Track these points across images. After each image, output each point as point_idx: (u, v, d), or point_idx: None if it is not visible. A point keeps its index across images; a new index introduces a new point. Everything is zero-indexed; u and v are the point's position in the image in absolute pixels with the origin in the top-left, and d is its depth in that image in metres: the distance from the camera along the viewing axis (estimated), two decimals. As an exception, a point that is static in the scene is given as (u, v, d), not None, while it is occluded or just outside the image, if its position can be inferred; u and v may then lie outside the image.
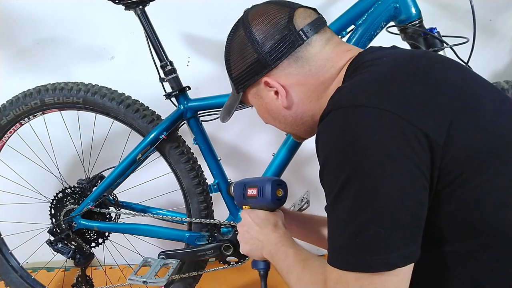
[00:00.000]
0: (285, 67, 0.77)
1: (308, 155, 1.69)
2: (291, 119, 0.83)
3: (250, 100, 0.87)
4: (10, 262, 1.53)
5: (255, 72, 0.79)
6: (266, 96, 0.82)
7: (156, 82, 1.25)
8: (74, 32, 1.58)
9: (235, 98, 0.88)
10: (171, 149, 1.27)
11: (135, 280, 1.26)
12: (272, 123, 0.88)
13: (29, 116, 1.34)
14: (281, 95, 0.79)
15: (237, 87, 0.84)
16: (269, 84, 0.79)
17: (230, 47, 0.83)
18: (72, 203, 1.36)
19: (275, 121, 0.86)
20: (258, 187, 0.88)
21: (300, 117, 0.82)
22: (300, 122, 0.83)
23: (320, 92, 0.78)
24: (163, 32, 1.24)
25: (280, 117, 0.84)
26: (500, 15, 1.55)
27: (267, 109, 0.84)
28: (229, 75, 0.85)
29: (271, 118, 0.86)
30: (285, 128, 0.88)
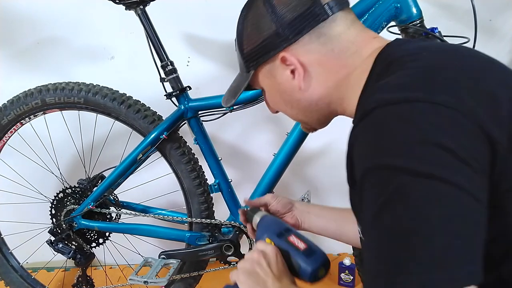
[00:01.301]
0: (306, 43, 0.69)
1: (308, 155, 1.69)
2: (305, 104, 0.74)
3: (261, 81, 0.77)
4: (10, 262, 1.54)
5: (272, 46, 0.71)
6: (280, 75, 0.73)
7: (157, 82, 1.25)
8: (74, 32, 1.58)
9: (243, 79, 0.79)
10: (172, 149, 1.27)
11: (136, 280, 1.27)
12: (282, 109, 0.80)
13: (30, 116, 1.34)
14: (298, 73, 0.71)
15: (248, 64, 0.76)
16: (287, 60, 0.70)
17: (245, 20, 0.75)
18: (72, 203, 1.36)
19: (287, 105, 0.77)
20: (309, 246, 0.74)
21: (316, 103, 0.73)
22: (314, 108, 0.74)
23: (341, 78, 0.70)
24: (164, 32, 1.24)
25: (293, 101, 0.75)
26: (500, 15, 1.55)
27: (279, 91, 0.75)
28: (239, 52, 0.77)
29: (282, 102, 0.77)
30: (296, 115, 0.78)
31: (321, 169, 1.73)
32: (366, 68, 0.66)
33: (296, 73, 0.71)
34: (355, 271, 1.64)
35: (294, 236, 0.77)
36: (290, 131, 1.23)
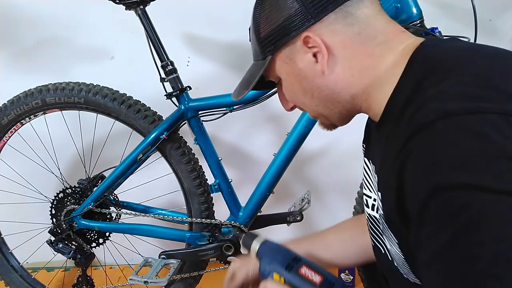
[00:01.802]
0: (331, 23, 0.63)
1: (309, 155, 1.69)
2: (327, 93, 0.67)
3: (278, 68, 0.70)
4: (10, 261, 1.54)
5: (294, 26, 0.64)
6: (301, 60, 0.66)
7: (157, 82, 1.25)
8: (74, 32, 1.58)
9: (258, 67, 0.71)
10: (172, 149, 1.27)
11: (136, 280, 1.27)
12: (300, 100, 0.72)
13: (30, 116, 1.34)
14: (322, 56, 0.64)
15: (265, 50, 0.68)
16: (310, 41, 0.64)
17: (262, 1, 0.68)
18: (72, 203, 1.35)
19: (306, 95, 0.69)
20: (325, 277, 0.67)
21: (338, 93, 0.67)
22: (337, 99, 0.67)
23: (367, 67, 0.64)
24: (163, 32, 1.24)
25: (314, 89, 0.68)
26: (500, 15, 1.55)
27: (300, 77, 0.68)
28: (255, 38, 0.70)
29: (301, 91, 0.70)
30: (316, 106, 0.71)
31: (321, 169, 1.73)
32: (399, 65, 0.61)
33: (319, 55, 0.64)
34: (355, 271, 1.64)
35: (306, 267, 0.68)
36: (290, 131, 1.23)
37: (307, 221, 1.66)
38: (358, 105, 0.68)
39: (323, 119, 0.74)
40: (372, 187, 0.74)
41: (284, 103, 0.77)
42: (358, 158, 0.90)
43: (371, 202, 0.75)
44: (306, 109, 0.74)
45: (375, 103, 0.65)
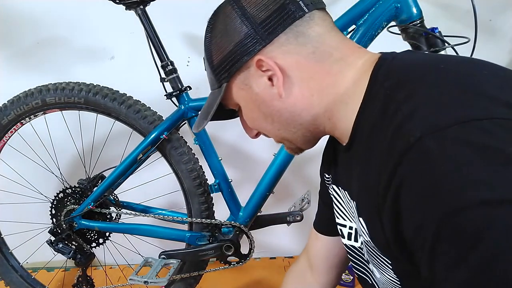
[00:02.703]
0: (283, 43, 0.61)
1: (308, 155, 1.68)
2: (287, 116, 0.65)
3: (235, 95, 0.68)
4: (10, 261, 1.54)
5: (245, 51, 0.62)
6: (257, 84, 0.64)
7: (157, 82, 1.25)
8: (74, 32, 1.58)
9: (215, 95, 0.70)
10: (172, 149, 1.27)
11: (136, 280, 1.27)
12: (261, 126, 0.70)
13: (30, 115, 1.34)
14: (277, 78, 0.62)
15: (219, 77, 0.67)
16: (263, 64, 0.62)
17: (212, 30, 0.68)
18: (72, 203, 1.35)
19: (267, 120, 0.67)
20: None
21: (299, 114, 0.64)
22: (298, 121, 0.65)
23: (326, 87, 0.62)
24: (164, 32, 1.24)
25: (274, 113, 0.65)
26: (500, 15, 1.55)
27: (257, 102, 0.66)
28: (209, 66, 0.70)
29: (261, 117, 0.67)
30: (279, 131, 0.68)
31: (321, 169, 1.72)
32: (360, 81, 0.59)
33: (274, 78, 0.63)
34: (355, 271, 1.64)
35: None
36: (290, 131, 1.23)
37: (307, 221, 1.66)
38: (322, 125, 0.65)
39: (287, 143, 0.72)
40: (347, 215, 0.71)
41: (248, 131, 0.75)
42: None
43: (346, 231, 0.72)
44: (269, 135, 0.71)
45: (340, 122, 0.62)
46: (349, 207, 0.69)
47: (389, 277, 0.61)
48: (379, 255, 0.60)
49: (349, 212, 0.70)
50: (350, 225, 0.71)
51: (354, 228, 0.70)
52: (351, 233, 0.71)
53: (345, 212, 0.72)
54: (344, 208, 0.73)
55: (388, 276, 0.61)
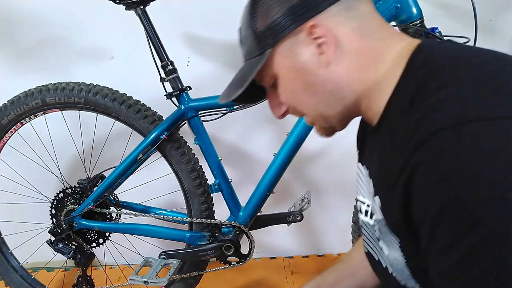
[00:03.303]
0: (334, 14, 0.61)
1: (308, 155, 1.69)
2: (330, 87, 0.63)
3: (276, 64, 0.66)
4: (10, 261, 1.54)
5: (297, 17, 0.61)
6: (304, 52, 0.63)
7: (157, 82, 1.25)
8: (74, 32, 1.58)
9: (253, 64, 0.66)
10: (172, 149, 1.27)
11: (136, 280, 1.27)
12: (300, 99, 0.67)
13: (30, 115, 1.34)
14: (328, 46, 0.61)
15: (263, 43, 0.64)
16: (315, 31, 0.61)
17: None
18: (72, 203, 1.35)
19: (308, 91, 0.65)
20: None
21: (342, 88, 0.63)
22: (340, 95, 0.64)
23: (368, 64, 0.62)
24: (164, 32, 1.24)
25: (317, 83, 0.63)
26: (500, 15, 1.55)
27: (302, 71, 0.64)
28: (250, 33, 0.66)
29: (303, 87, 0.65)
30: (317, 105, 0.66)
31: (321, 169, 1.73)
32: (398, 65, 0.59)
33: (325, 46, 0.61)
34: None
35: None
36: (290, 131, 1.23)
37: (307, 221, 1.66)
38: (359, 104, 0.65)
39: (321, 121, 0.69)
40: (365, 192, 0.73)
41: (276, 108, 0.72)
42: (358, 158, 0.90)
43: (364, 208, 0.74)
44: (305, 110, 0.68)
45: (374, 103, 0.63)
46: (368, 185, 0.71)
47: (397, 255, 0.63)
48: (389, 234, 0.62)
49: (367, 190, 0.72)
50: (367, 202, 0.72)
51: (370, 206, 0.72)
52: (368, 210, 0.72)
53: (364, 190, 0.74)
54: (364, 185, 0.74)
55: (396, 255, 0.63)
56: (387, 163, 0.57)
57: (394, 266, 0.65)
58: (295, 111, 0.70)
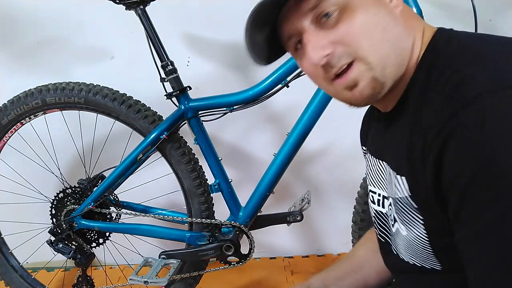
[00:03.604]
0: None
1: (308, 155, 1.69)
2: (399, 29, 0.59)
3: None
4: (10, 261, 1.54)
5: None
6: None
7: (157, 82, 1.25)
8: (74, 32, 1.58)
9: None
10: (172, 149, 1.27)
11: (136, 280, 1.27)
12: (370, 34, 0.57)
13: (30, 115, 1.34)
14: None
15: None
16: None
17: None
18: (72, 203, 1.35)
19: (379, 26, 0.58)
20: None
21: (407, 36, 0.60)
22: (403, 43, 0.60)
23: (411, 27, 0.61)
24: (164, 32, 1.24)
25: (390, 19, 0.59)
26: (500, 15, 1.55)
27: (379, 1, 0.59)
28: None
29: (376, 19, 0.58)
30: (383, 44, 0.58)
31: (321, 169, 1.73)
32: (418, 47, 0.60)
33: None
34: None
35: None
36: (290, 131, 1.23)
37: (307, 221, 1.66)
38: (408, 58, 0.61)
39: (379, 70, 0.58)
40: (377, 182, 0.74)
41: (319, 50, 0.58)
42: (358, 158, 0.90)
43: (376, 197, 0.75)
44: (367, 50, 0.57)
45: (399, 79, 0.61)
46: (379, 174, 0.72)
47: (418, 233, 0.63)
48: (411, 212, 0.62)
49: (378, 179, 0.73)
50: (379, 192, 0.73)
51: (382, 195, 0.73)
52: (380, 199, 0.73)
53: (375, 180, 0.75)
54: (375, 175, 0.75)
55: (417, 233, 0.63)
56: (413, 138, 0.57)
57: (413, 246, 0.65)
58: (345, 53, 0.58)
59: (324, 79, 0.62)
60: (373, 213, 0.78)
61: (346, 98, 0.62)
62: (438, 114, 0.52)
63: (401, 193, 0.64)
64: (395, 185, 0.65)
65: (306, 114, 1.19)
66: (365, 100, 0.61)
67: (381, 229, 0.77)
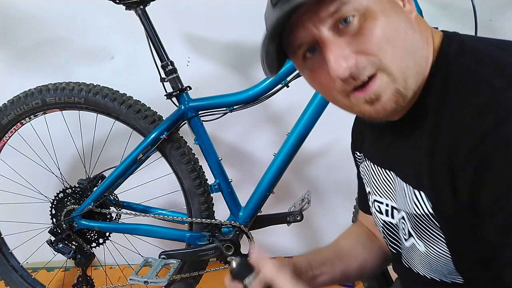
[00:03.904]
0: None
1: (308, 155, 1.69)
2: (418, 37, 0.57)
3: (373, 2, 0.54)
4: (10, 261, 1.54)
5: None
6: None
7: (157, 82, 1.25)
8: (74, 32, 1.58)
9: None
10: (172, 149, 1.27)
11: (136, 280, 1.27)
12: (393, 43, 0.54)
13: (30, 115, 1.34)
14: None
15: None
16: None
17: None
18: (73, 203, 1.36)
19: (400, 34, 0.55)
20: None
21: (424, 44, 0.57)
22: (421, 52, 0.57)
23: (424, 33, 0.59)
24: (164, 32, 1.24)
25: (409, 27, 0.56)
26: (500, 15, 1.55)
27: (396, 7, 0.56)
28: None
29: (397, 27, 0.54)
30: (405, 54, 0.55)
31: (321, 169, 1.73)
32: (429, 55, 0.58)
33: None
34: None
35: None
36: (290, 131, 1.23)
37: (307, 221, 1.66)
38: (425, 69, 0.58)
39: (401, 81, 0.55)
40: (383, 192, 0.72)
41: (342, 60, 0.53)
42: (358, 158, 0.90)
43: (384, 208, 0.72)
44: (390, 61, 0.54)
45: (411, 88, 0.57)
46: (386, 184, 0.70)
47: (439, 250, 0.61)
48: (432, 229, 0.60)
49: (385, 189, 0.71)
50: (386, 202, 0.71)
51: (390, 206, 0.70)
52: (388, 210, 0.71)
53: (381, 189, 0.72)
54: (380, 185, 0.72)
55: (438, 250, 0.61)
56: (435, 153, 0.55)
57: (433, 262, 0.63)
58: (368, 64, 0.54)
59: (340, 92, 0.57)
60: (381, 223, 0.76)
61: (364, 112, 0.58)
62: (469, 129, 0.50)
63: (419, 209, 0.61)
64: (411, 199, 0.62)
65: (306, 114, 1.19)
66: (387, 114, 0.57)
67: (391, 240, 0.74)
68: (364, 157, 0.79)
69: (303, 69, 0.61)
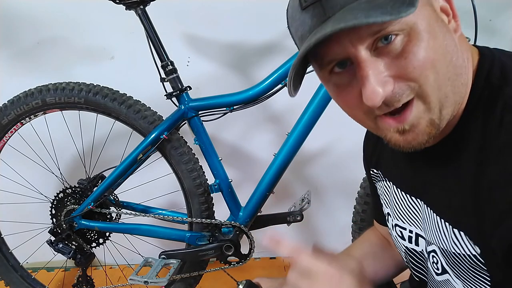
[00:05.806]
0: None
1: (308, 155, 1.69)
2: (460, 62, 0.52)
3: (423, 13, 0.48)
4: (10, 261, 1.54)
5: None
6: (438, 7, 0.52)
7: (157, 82, 1.25)
8: (74, 32, 1.58)
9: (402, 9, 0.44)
10: (172, 149, 1.27)
11: (136, 280, 1.27)
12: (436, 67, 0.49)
13: (30, 115, 1.34)
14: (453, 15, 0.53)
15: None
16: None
17: None
18: (73, 203, 1.35)
19: (446, 57, 0.50)
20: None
21: (466, 68, 0.53)
22: (461, 79, 0.52)
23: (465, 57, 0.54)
24: (164, 32, 1.24)
25: (454, 50, 0.51)
26: (500, 15, 1.55)
27: (443, 28, 0.51)
28: None
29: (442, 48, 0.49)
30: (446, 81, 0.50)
31: (321, 169, 1.73)
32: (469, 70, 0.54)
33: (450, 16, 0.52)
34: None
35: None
36: (290, 131, 1.23)
37: (307, 221, 1.66)
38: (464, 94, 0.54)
39: (436, 113, 0.51)
40: (407, 218, 0.68)
41: (380, 82, 0.49)
42: (358, 158, 0.90)
43: (407, 234, 0.69)
44: (430, 87, 0.49)
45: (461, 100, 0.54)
46: (411, 211, 0.66)
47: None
48: (475, 269, 0.56)
49: (410, 216, 0.67)
50: (410, 229, 0.67)
51: (415, 232, 0.67)
52: (411, 236, 0.67)
53: (405, 216, 0.68)
54: (404, 211, 0.69)
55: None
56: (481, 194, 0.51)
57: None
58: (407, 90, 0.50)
59: (367, 113, 0.53)
60: (403, 249, 0.72)
61: (391, 139, 0.54)
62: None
63: (461, 250, 0.57)
64: (448, 237, 0.58)
65: (306, 114, 1.19)
66: (416, 146, 0.53)
67: (416, 268, 0.71)
68: (383, 177, 0.74)
69: (327, 82, 0.56)
